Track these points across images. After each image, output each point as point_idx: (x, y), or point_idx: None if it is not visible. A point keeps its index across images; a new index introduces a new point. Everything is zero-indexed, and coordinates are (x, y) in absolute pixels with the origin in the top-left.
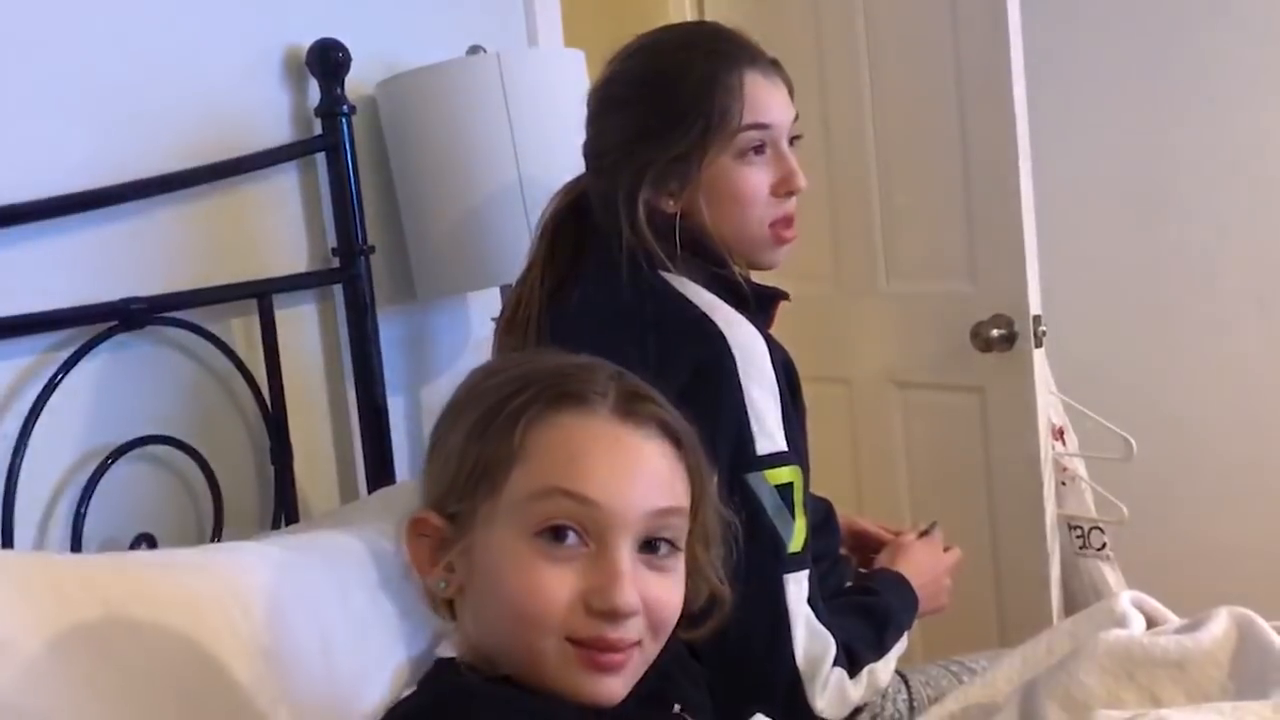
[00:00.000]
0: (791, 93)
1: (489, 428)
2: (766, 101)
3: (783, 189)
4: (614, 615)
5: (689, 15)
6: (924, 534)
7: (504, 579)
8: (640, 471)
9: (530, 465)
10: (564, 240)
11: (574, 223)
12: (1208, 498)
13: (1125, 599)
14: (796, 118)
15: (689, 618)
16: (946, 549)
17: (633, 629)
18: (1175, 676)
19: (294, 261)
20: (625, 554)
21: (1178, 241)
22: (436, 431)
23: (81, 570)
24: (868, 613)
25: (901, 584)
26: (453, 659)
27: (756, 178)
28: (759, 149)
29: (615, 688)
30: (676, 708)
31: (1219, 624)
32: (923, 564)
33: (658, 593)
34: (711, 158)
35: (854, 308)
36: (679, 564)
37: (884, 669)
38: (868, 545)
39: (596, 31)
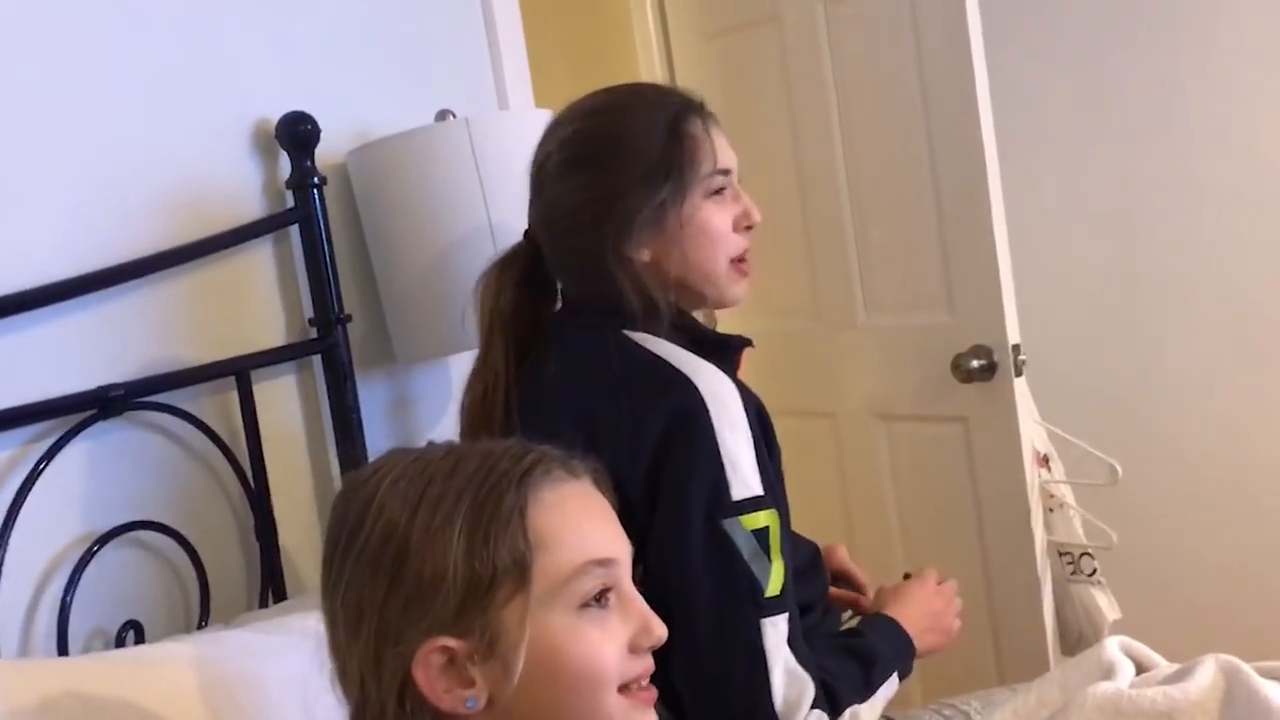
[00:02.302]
0: None
1: (491, 533)
2: (721, 147)
3: (743, 223)
4: (654, 647)
5: (658, 70)
6: (907, 577)
7: (568, 658)
8: (613, 520)
9: (552, 550)
10: (521, 315)
11: (527, 295)
12: (1195, 518)
13: (1113, 646)
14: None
15: None
16: (940, 582)
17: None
18: None
19: (271, 335)
20: (638, 594)
21: (1151, 263)
22: (388, 566)
23: (65, 673)
24: (853, 653)
25: (891, 627)
26: None
27: (723, 215)
28: (720, 190)
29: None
30: None
31: (1206, 673)
32: (911, 603)
33: None
34: (686, 203)
35: (835, 342)
36: None
37: (870, 711)
38: (851, 586)
39: (566, 93)
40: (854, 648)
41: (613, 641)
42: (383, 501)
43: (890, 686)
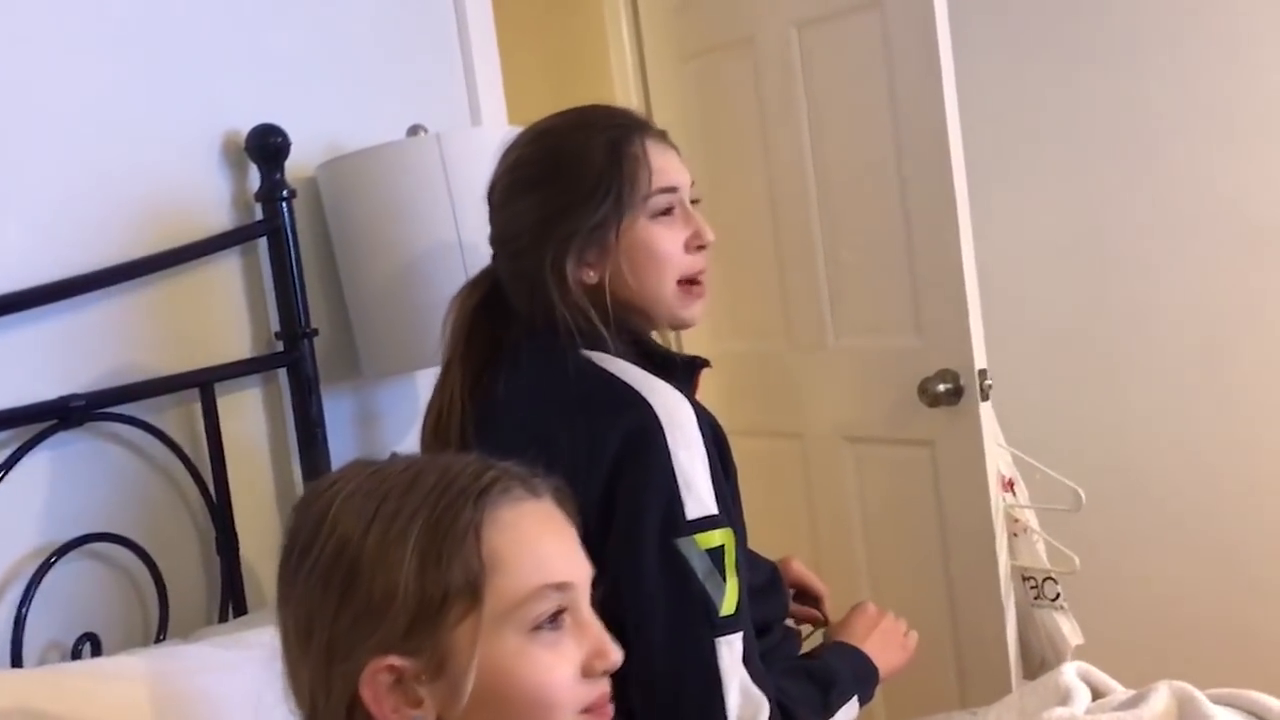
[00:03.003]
0: (681, 158)
1: (445, 551)
2: (667, 166)
3: (694, 244)
4: (609, 671)
5: (633, 91)
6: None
7: (519, 681)
8: (573, 540)
9: (506, 571)
10: (478, 339)
11: (487, 317)
12: (1157, 545)
13: (1071, 671)
14: (694, 182)
15: None
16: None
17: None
18: None
19: (237, 347)
20: (596, 617)
21: (1119, 292)
22: (338, 582)
23: (15, 685)
24: (812, 676)
25: (851, 651)
26: None
27: (670, 236)
28: (668, 210)
29: None
30: None
31: (1160, 699)
32: (861, 627)
33: None
34: (628, 223)
35: (805, 363)
36: None
37: None
38: (810, 598)
39: (541, 110)
40: (812, 670)
41: (566, 665)
42: (337, 515)
43: (850, 710)
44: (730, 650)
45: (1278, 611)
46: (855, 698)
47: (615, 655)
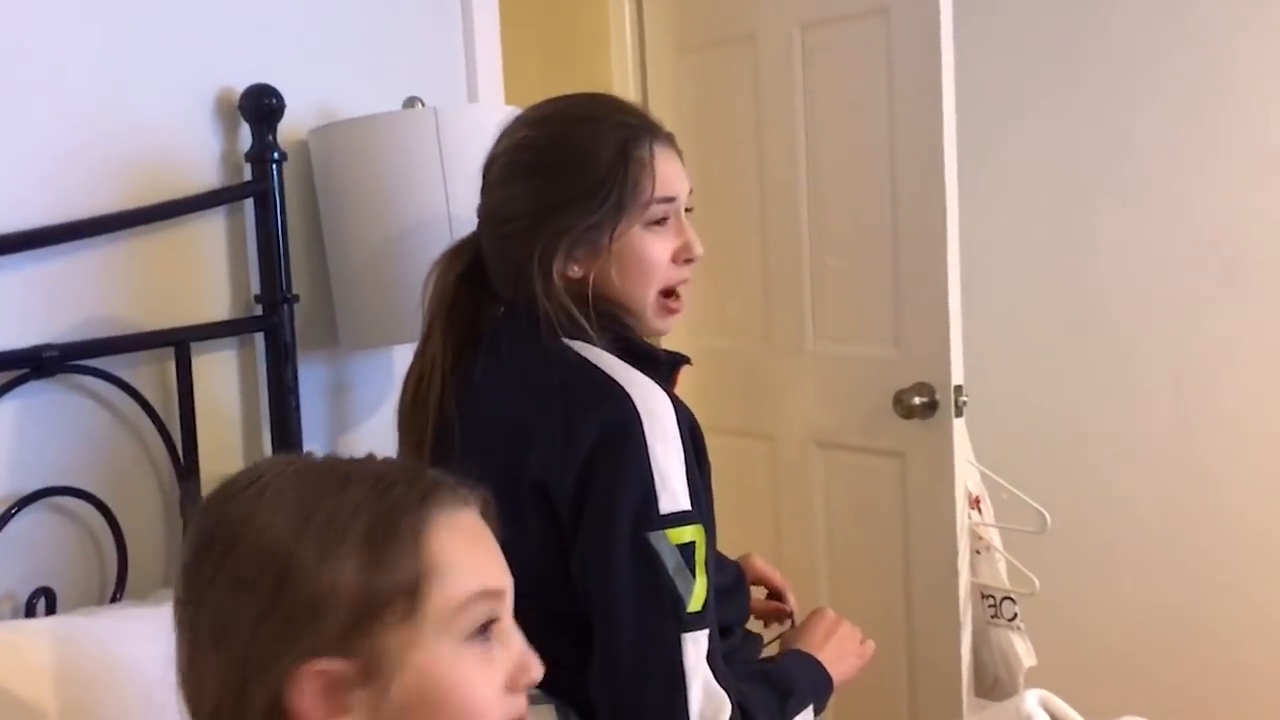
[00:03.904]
0: (683, 164)
1: (384, 555)
2: (671, 174)
3: (682, 256)
4: (530, 686)
5: (630, 78)
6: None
7: (450, 691)
8: (498, 550)
9: (444, 575)
10: (461, 307)
11: (470, 288)
12: (1117, 573)
13: (1033, 699)
14: (691, 191)
15: None
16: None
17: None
18: None
19: (215, 308)
20: (518, 630)
21: (1097, 318)
22: (269, 581)
23: None
24: (770, 681)
25: (807, 660)
26: None
27: (661, 246)
28: (663, 220)
29: None
30: None
31: None
32: (817, 635)
33: None
34: (623, 228)
35: (781, 366)
36: None
37: None
38: (772, 593)
39: (537, 92)
40: (771, 675)
41: (494, 677)
42: (263, 515)
43: (806, 717)
44: (696, 647)
45: (1233, 645)
46: (810, 706)
47: (537, 671)
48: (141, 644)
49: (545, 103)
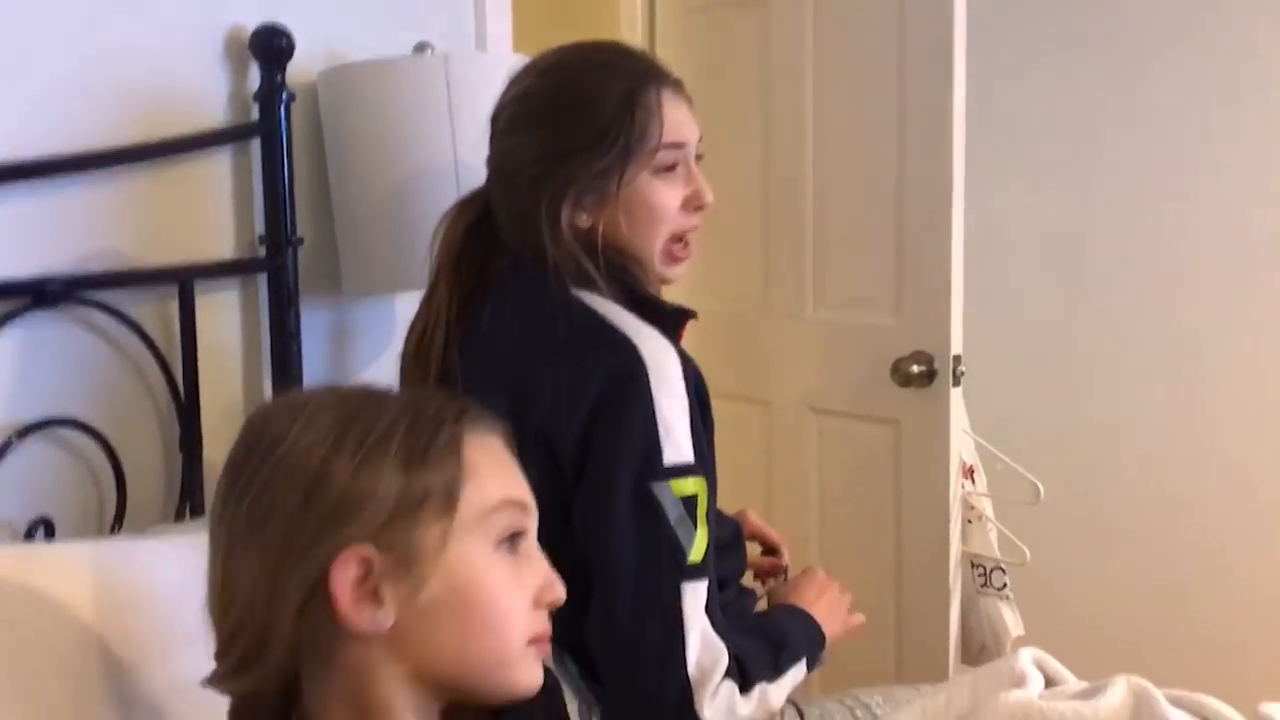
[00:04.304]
0: (693, 111)
1: (429, 454)
2: (679, 120)
3: (693, 204)
4: (555, 605)
5: (640, 34)
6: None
7: (480, 591)
8: (521, 474)
9: (480, 480)
10: (469, 258)
11: (478, 239)
12: (1107, 547)
13: (1026, 657)
14: (701, 137)
15: None
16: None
17: None
18: None
19: (219, 247)
20: (543, 553)
21: (1098, 295)
22: (318, 476)
23: None
24: (764, 634)
25: (801, 615)
26: None
27: (670, 193)
28: (672, 166)
29: (542, 673)
30: None
31: (1117, 693)
32: (811, 591)
33: None
34: (631, 175)
35: (780, 331)
36: None
37: (777, 691)
38: (768, 550)
39: (546, 40)
40: (766, 629)
41: (522, 589)
42: (306, 425)
43: (799, 671)
44: (695, 596)
45: (1218, 619)
46: (804, 660)
47: (561, 590)
48: (173, 571)
49: (553, 51)
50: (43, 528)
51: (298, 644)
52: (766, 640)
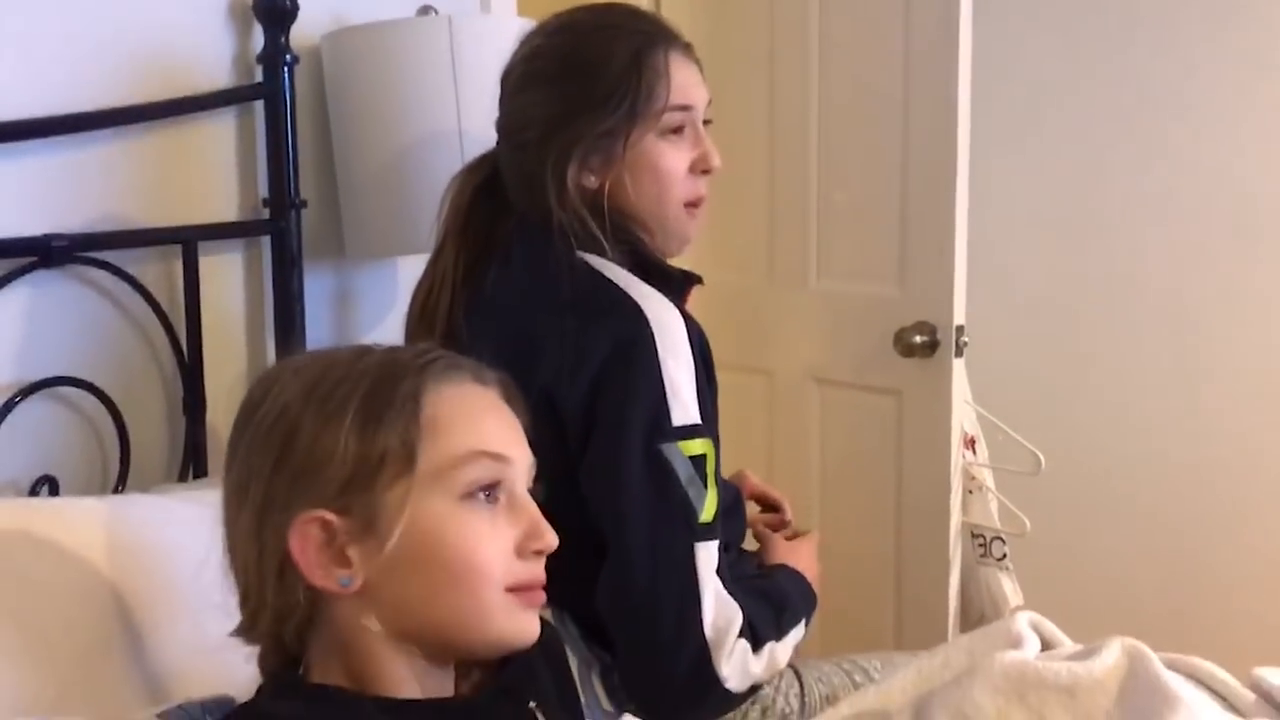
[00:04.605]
0: (702, 75)
1: (386, 414)
2: (687, 83)
3: (699, 167)
4: (543, 554)
5: (646, 1)
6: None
7: (445, 545)
8: (517, 428)
9: (443, 435)
10: (476, 220)
11: (486, 201)
12: (1108, 518)
13: (1023, 620)
14: (710, 101)
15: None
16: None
17: (544, 567)
18: (1065, 702)
19: (223, 209)
20: (532, 501)
21: (1101, 267)
22: (278, 438)
23: None
24: (765, 595)
25: (797, 576)
26: (293, 673)
27: (677, 155)
28: (679, 129)
29: (537, 625)
30: (532, 705)
31: (1111, 654)
32: (805, 558)
33: None
34: (637, 136)
35: (783, 301)
36: None
37: (783, 650)
38: (769, 508)
39: (549, 4)
40: (766, 590)
41: (498, 539)
42: (284, 383)
43: (799, 632)
44: (708, 556)
45: (1218, 591)
46: (803, 620)
47: (550, 538)
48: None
49: (564, 12)
50: (47, 486)
51: (284, 604)
52: (768, 601)
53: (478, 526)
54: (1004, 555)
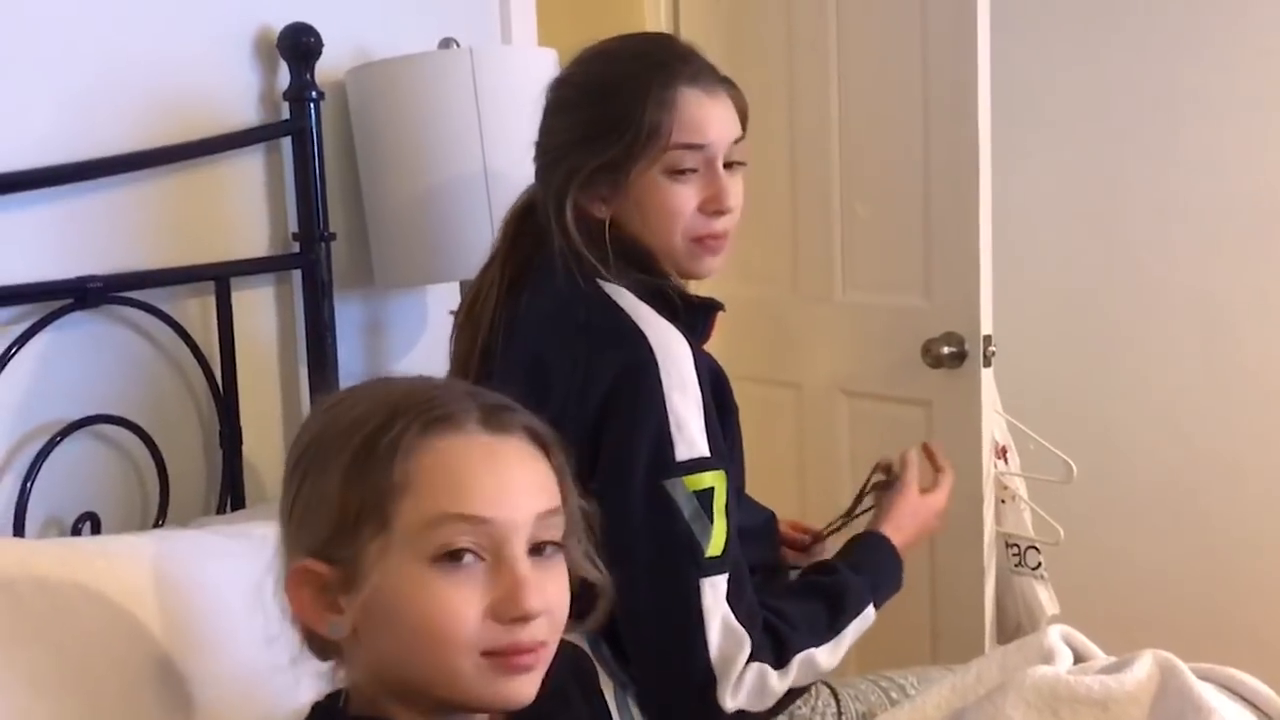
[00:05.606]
0: (744, 115)
1: (366, 466)
2: (701, 120)
3: (710, 207)
4: (525, 620)
5: (664, 21)
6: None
7: (409, 609)
8: (519, 480)
9: (418, 495)
10: (524, 238)
11: (530, 224)
12: (1143, 524)
13: (1055, 633)
14: (740, 139)
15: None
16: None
17: (540, 630)
18: (1097, 715)
19: (254, 245)
20: (523, 561)
21: (1128, 271)
22: (297, 478)
23: (21, 552)
24: (820, 593)
25: (875, 558)
26: (334, 702)
27: (683, 194)
28: (690, 169)
29: (529, 688)
30: None
31: (1143, 666)
32: (903, 510)
33: (553, 591)
34: (640, 169)
35: (810, 314)
36: (562, 561)
37: (831, 652)
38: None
39: (570, 32)
40: (824, 589)
41: (467, 604)
42: (310, 421)
43: (864, 620)
44: (714, 590)
45: (1256, 597)
46: (869, 608)
47: (529, 604)
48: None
49: (605, 40)
50: (89, 523)
51: (308, 639)
52: (824, 601)
53: (443, 591)
54: (1039, 564)
